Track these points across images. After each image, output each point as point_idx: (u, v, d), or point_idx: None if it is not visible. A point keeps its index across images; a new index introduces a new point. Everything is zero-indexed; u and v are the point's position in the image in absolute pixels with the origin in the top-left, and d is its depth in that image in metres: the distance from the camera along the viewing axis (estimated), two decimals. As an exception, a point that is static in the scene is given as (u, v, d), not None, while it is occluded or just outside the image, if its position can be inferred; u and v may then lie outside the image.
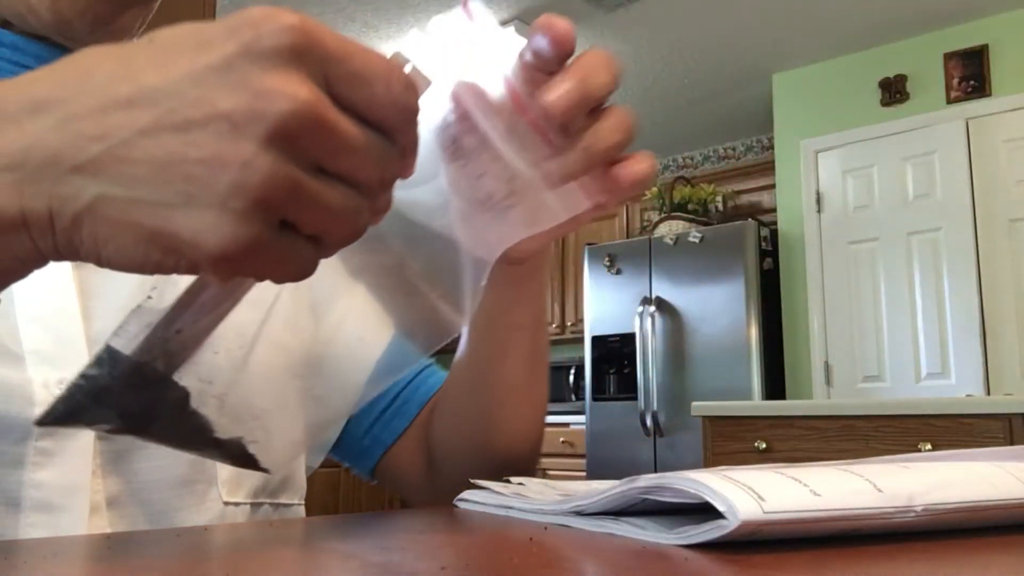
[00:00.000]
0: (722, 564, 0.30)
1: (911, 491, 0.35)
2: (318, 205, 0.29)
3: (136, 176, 0.27)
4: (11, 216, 0.28)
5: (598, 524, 0.38)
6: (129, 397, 0.35)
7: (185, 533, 0.41)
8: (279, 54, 0.27)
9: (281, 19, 0.28)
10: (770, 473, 0.35)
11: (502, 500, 0.47)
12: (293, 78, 0.28)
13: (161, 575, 0.29)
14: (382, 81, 0.30)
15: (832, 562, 0.31)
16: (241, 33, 0.28)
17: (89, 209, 0.27)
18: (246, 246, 0.28)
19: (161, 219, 0.27)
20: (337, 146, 0.29)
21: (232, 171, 0.27)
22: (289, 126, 0.27)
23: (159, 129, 0.27)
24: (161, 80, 0.28)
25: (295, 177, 0.28)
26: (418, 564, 0.31)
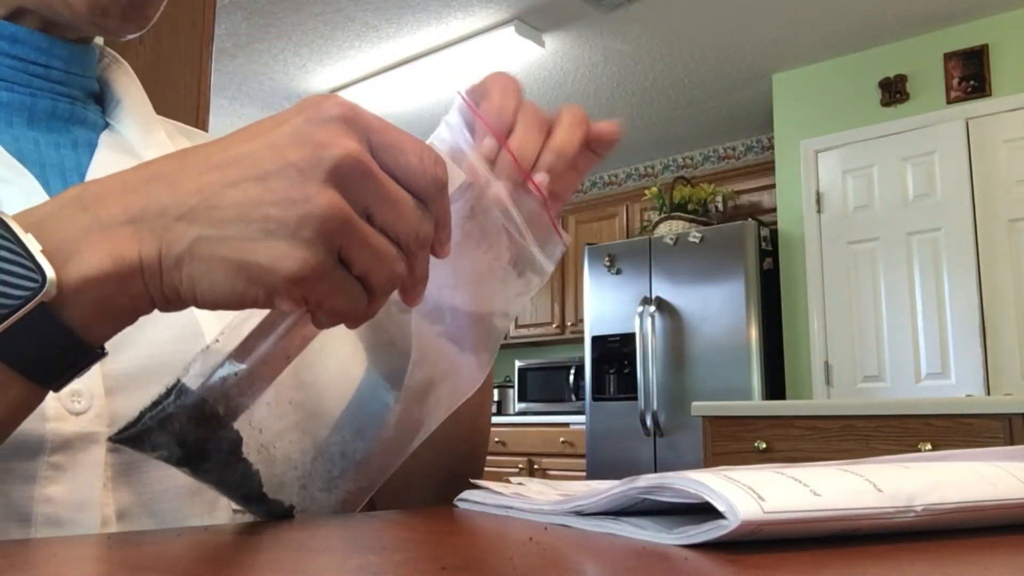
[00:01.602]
0: (722, 564, 0.30)
1: (911, 491, 0.35)
2: (366, 243, 0.36)
3: (225, 219, 0.34)
4: (131, 260, 0.34)
5: (598, 524, 0.38)
6: (189, 430, 0.39)
7: (185, 533, 0.41)
8: (333, 119, 0.35)
9: (335, 98, 0.36)
10: (770, 473, 0.35)
11: (502, 500, 0.47)
12: (344, 134, 0.35)
13: (161, 575, 0.29)
14: (416, 153, 0.37)
15: (832, 562, 0.31)
16: (304, 108, 0.36)
17: (189, 250, 0.34)
18: (313, 269, 0.34)
19: (246, 252, 0.34)
20: (381, 193, 0.36)
21: (300, 207, 0.34)
22: (342, 168, 0.35)
23: (243, 181, 0.35)
24: (246, 148, 0.35)
25: (348, 213, 0.35)
26: (418, 564, 0.31)
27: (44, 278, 0.33)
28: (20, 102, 0.54)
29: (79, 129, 0.57)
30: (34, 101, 0.55)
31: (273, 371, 0.41)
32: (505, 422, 5.19)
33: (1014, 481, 0.38)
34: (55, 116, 0.56)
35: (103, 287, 0.34)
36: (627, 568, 0.31)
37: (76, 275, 0.34)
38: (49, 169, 0.53)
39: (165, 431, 0.39)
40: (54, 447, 0.45)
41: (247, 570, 0.31)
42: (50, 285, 0.33)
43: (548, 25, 3.85)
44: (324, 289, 0.35)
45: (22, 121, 0.54)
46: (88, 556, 0.34)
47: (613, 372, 4.42)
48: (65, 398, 0.45)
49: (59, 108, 0.56)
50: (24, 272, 0.33)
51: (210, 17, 2.04)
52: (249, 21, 3.79)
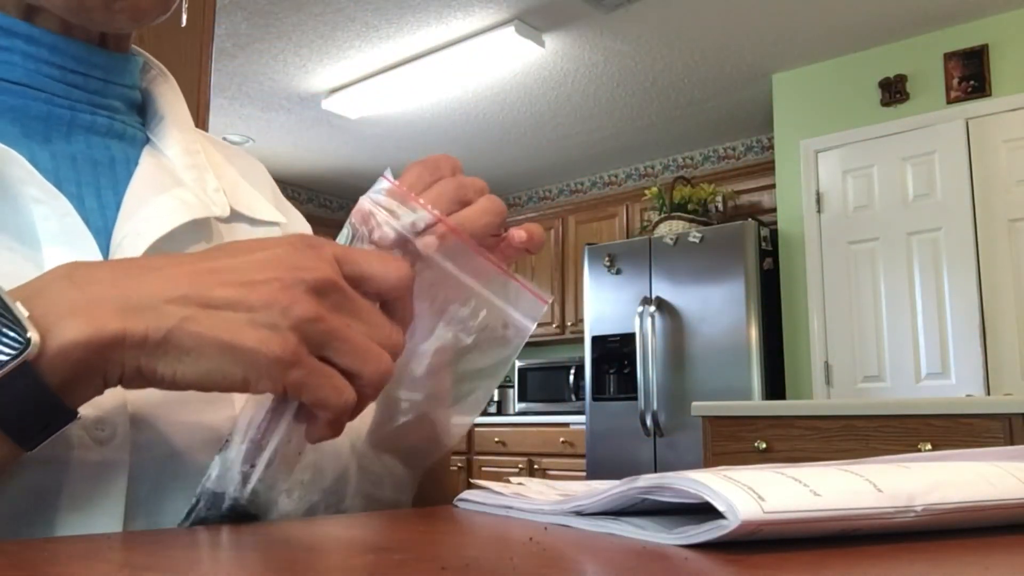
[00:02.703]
0: (722, 564, 0.30)
1: (911, 491, 0.35)
2: (345, 337, 0.40)
3: (214, 306, 0.38)
4: (113, 332, 0.37)
5: (598, 524, 0.38)
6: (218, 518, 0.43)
7: (186, 534, 0.41)
8: (308, 251, 0.41)
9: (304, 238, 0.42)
10: (770, 473, 0.35)
11: (502, 500, 0.47)
12: (321, 261, 0.41)
13: (161, 575, 0.29)
14: (377, 261, 0.43)
15: (832, 562, 0.31)
16: (282, 242, 0.42)
17: (179, 326, 0.38)
18: (294, 353, 0.39)
19: (233, 333, 0.38)
20: (355, 308, 0.41)
21: (282, 304, 0.39)
22: (321, 284, 0.40)
23: (231, 283, 0.39)
24: (233, 261, 0.40)
25: (324, 313, 0.40)
26: (418, 564, 0.31)
27: (28, 340, 0.35)
28: (59, 116, 0.53)
29: (117, 144, 0.56)
30: (73, 115, 0.54)
31: (289, 465, 0.44)
32: (505, 422, 5.19)
33: (1014, 481, 0.38)
34: (93, 131, 0.55)
35: (83, 353, 0.37)
36: (627, 568, 0.31)
37: (59, 340, 0.36)
38: (85, 188, 0.53)
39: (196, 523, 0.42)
40: (78, 475, 0.45)
41: (247, 570, 0.31)
42: (33, 346, 0.35)
43: (548, 25, 3.85)
44: (300, 375, 0.39)
45: (60, 136, 0.53)
46: (88, 556, 0.34)
47: (613, 372, 4.42)
48: (90, 427, 0.45)
49: (98, 122, 0.55)
50: (10, 335, 0.36)
51: (210, 17, 2.04)
52: (249, 21, 3.79)
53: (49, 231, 0.48)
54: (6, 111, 0.52)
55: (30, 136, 0.52)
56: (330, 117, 4.84)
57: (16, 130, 0.52)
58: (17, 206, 0.47)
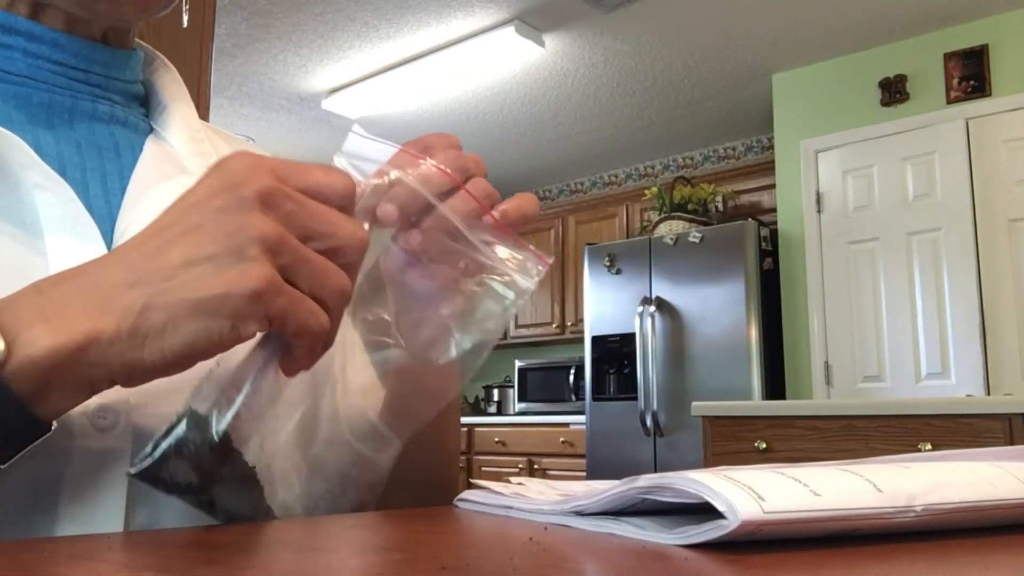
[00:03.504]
0: (722, 564, 0.30)
1: (911, 491, 0.35)
2: (306, 258, 0.38)
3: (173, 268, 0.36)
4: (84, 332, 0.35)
5: (598, 524, 0.38)
6: (203, 454, 0.40)
7: (186, 534, 0.41)
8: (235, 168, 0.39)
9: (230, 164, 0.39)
10: (770, 473, 0.35)
11: (502, 500, 0.47)
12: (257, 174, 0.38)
13: (161, 575, 0.29)
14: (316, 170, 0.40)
15: (832, 562, 0.31)
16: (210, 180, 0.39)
17: (147, 305, 0.36)
18: (267, 282, 0.36)
19: (201, 288, 0.36)
20: (304, 215, 0.39)
21: (238, 234, 0.36)
22: (265, 195, 0.38)
23: (179, 237, 0.37)
24: (171, 216, 0.38)
25: (281, 230, 0.37)
26: (418, 564, 0.31)
27: None
28: (61, 103, 0.53)
29: (121, 131, 0.56)
30: (75, 103, 0.54)
31: (273, 393, 0.42)
32: (505, 422, 5.19)
33: (1014, 481, 0.38)
34: (96, 118, 0.55)
35: (54, 359, 0.35)
36: (627, 568, 0.31)
37: (27, 349, 0.35)
38: (90, 173, 0.53)
39: (182, 458, 0.40)
40: (79, 464, 0.44)
41: (247, 570, 0.31)
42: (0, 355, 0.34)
43: (548, 25, 3.85)
44: (282, 303, 0.37)
45: (63, 123, 0.53)
46: (88, 556, 0.34)
47: (613, 372, 4.42)
48: (92, 415, 0.44)
49: (100, 110, 0.55)
50: None
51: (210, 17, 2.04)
52: (249, 21, 3.79)
53: (52, 218, 0.47)
54: (8, 98, 0.52)
55: (34, 122, 0.52)
56: (330, 117, 4.84)
57: (21, 116, 0.52)
58: (19, 192, 0.47)
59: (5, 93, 0.52)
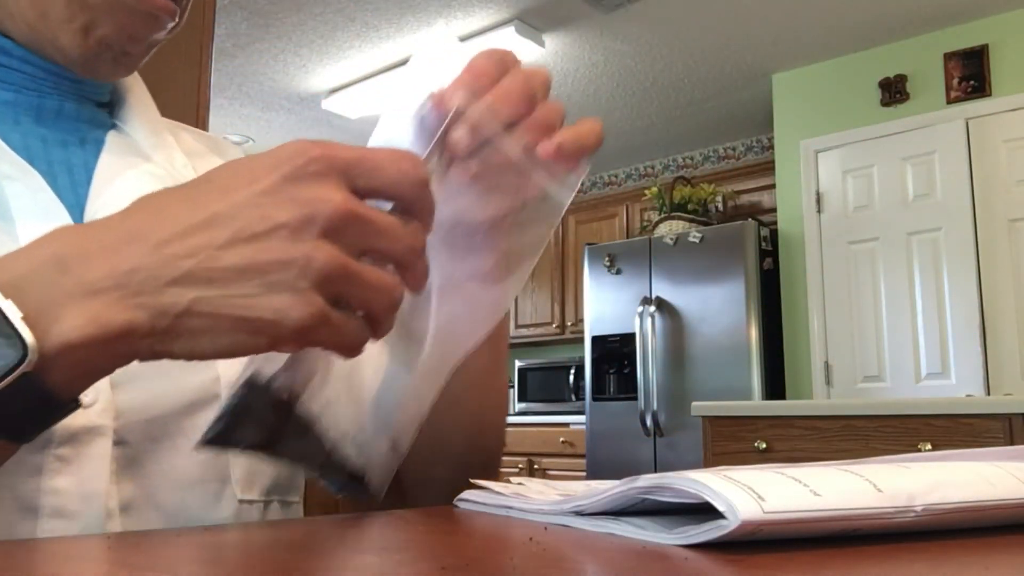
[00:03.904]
0: (722, 564, 0.30)
1: (911, 491, 0.35)
2: (365, 284, 0.37)
3: (223, 279, 0.34)
4: (118, 326, 0.34)
5: (598, 524, 0.38)
6: (265, 415, 0.41)
7: (186, 534, 0.41)
8: (312, 175, 0.36)
9: (309, 152, 0.36)
10: (770, 473, 0.35)
11: (502, 500, 0.47)
12: (328, 187, 0.36)
13: (161, 575, 0.29)
14: (391, 164, 0.38)
15: (832, 562, 0.31)
16: (281, 166, 0.36)
17: (188, 310, 0.34)
18: (315, 318, 0.35)
19: (248, 307, 0.34)
20: (371, 230, 0.37)
21: (298, 264, 0.34)
22: (333, 222, 0.35)
23: (234, 243, 0.34)
24: (227, 206, 0.35)
25: (345, 262, 0.36)
26: (418, 564, 0.31)
27: (26, 348, 0.32)
28: (27, 102, 0.55)
29: (87, 127, 0.57)
30: (41, 101, 0.55)
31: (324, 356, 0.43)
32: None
33: (1014, 481, 0.38)
34: (62, 115, 0.56)
35: (85, 352, 0.34)
36: (627, 568, 0.31)
37: (58, 341, 0.33)
38: (57, 166, 0.53)
39: (246, 422, 0.41)
40: (61, 440, 0.45)
41: (247, 570, 0.31)
42: (32, 354, 0.33)
43: (548, 25, 3.85)
44: (325, 334, 0.36)
45: (29, 119, 0.55)
46: (88, 556, 0.34)
47: (613, 372, 4.41)
48: None
49: (66, 108, 0.56)
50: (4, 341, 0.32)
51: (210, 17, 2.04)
52: (249, 21, 3.79)
53: (23, 207, 0.48)
54: None
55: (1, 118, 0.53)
56: (330, 117, 4.84)
57: None
58: None
59: None
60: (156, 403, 0.49)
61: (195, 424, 0.51)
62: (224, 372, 0.53)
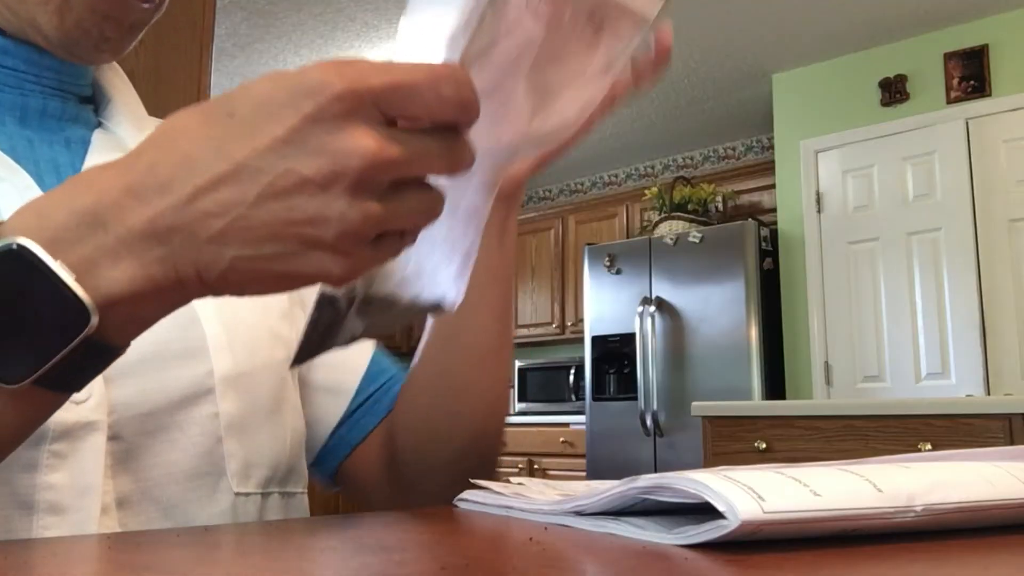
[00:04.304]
0: (722, 564, 0.30)
1: (911, 491, 0.35)
2: (402, 216, 0.35)
3: (258, 239, 0.33)
4: (170, 280, 0.34)
5: (598, 524, 0.38)
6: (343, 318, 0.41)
7: (185, 533, 0.41)
8: (338, 115, 0.33)
9: (333, 86, 0.32)
10: (770, 473, 0.35)
11: (502, 500, 0.47)
12: (356, 133, 0.33)
13: (161, 575, 0.29)
14: (429, 89, 0.34)
15: (832, 562, 0.31)
16: (303, 104, 0.33)
17: (231, 267, 0.34)
18: (357, 269, 0.35)
19: (289, 265, 0.34)
20: (406, 169, 0.34)
21: (333, 224, 0.33)
22: (365, 176, 0.33)
23: (263, 199, 0.33)
24: (251, 155, 0.33)
25: (379, 212, 0.34)
26: (418, 564, 0.31)
27: (86, 311, 0.33)
28: (11, 102, 0.54)
29: (72, 127, 0.57)
30: (25, 100, 0.55)
31: None
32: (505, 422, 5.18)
33: (1014, 481, 0.38)
34: (46, 114, 0.56)
35: (139, 304, 0.34)
36: (627, 568, 0.31)
37: (109, 294, 0.33)
38: (43, 165, 0.53)
39: (328, 333, 0.41)
40: (56, 435, 0.45)
41: (247, 570, 0.31)
42: (92, 315, 0.33)
43: (548, 25, 3.85)
44: (370, 266, 0.36)
45: (14, 120, 0.54)
46: (88, 556, 0.34)
47: (613, 372, 4.41)
48: None
49: (50, 106, 0.56)
50: (61, 305, 0.33)
51: (210, 17, 2.04)
52: (249, 21, 3.79)
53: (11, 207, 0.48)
54: None
55: None
56: (330, 117, 4.84)
57: None
58: None
59: None
60: (150, 397, 0.49)
61: (189, 418, 0.51)
62: (218, 366, 0.53)
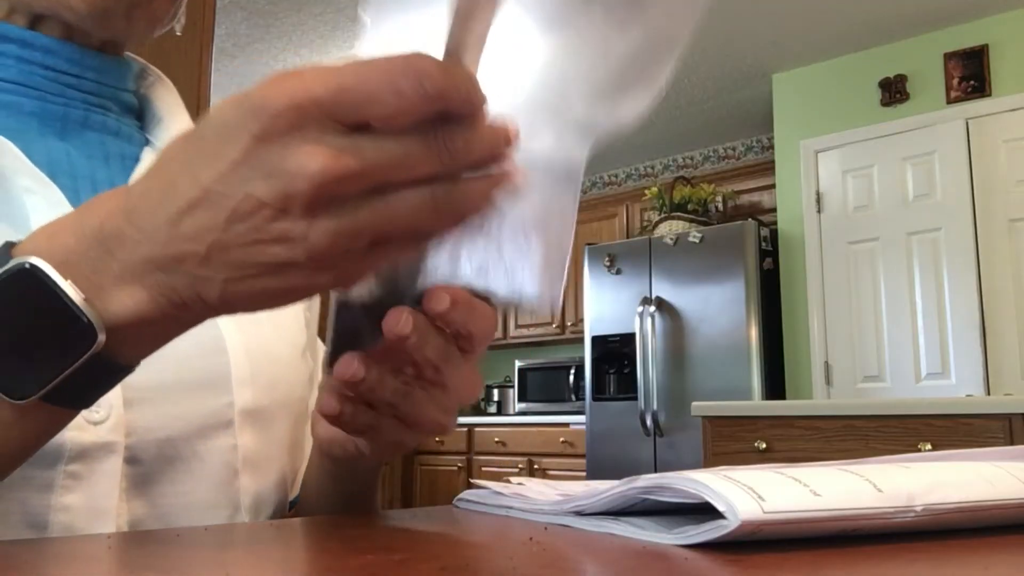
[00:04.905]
0: (722, 564, 0.30)
1: (911, 491, 0.35)
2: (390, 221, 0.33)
3: (237, 261, 0.33)
4: (175, 305, 0.34)
5: (598, 524, 0.38)
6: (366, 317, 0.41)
7: (185, 533, 0.41)
8: (284, 132, 0.31)
9: (273, 103, 0.31)
10: (770, 473, 0.35)
11: (502, 500, 0.47)
12: (303, 150, 0.31)
13: (161, 575, 0.29)
14: (384, 87, 0.31)
15: (832, 562, 0.31)
16: (249, 123, 0.31)
17: (225, 289, 0.34)
18: (343, 279, 0.35)
19: (275, 282, 0.34)
20: (377, 176, 0.32)
21: (299, 244, 0.32)
22: (318, 193, 0.31)
23: (231, 223, 0.32)
24: (215, 180, 0.32)
25: (350, 225, 0.32)
26: (418, 564, 0.31)
27: (93, 329, 0.34)
28: (52, 112, 0.54)
29: (113, 141, 0.57)
30: (67, 111, 0.55)
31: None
32: (505, 422, 5.19)
33: (1014, 481, 0.38)
34: (87, 126, 0.56)
35: (147, 326, 0.35)
36: (627, 568, 0.31)
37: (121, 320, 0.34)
38: (80, 181, 0.53)
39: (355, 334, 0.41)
40: (72, 456, 0.45)
41: (247, 570, 0.31)
42: (99, 333, 0.34)
43: (548, 25, 3.85)
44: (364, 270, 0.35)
45: (54, 131, 0.54)
46: (88, 556, 0.34)
47: (613, 372, 4.41)
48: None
49: (92, 119, 0.56)
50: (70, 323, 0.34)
51: (210, 17, 2.04)
52: (249, 21, 3.79)
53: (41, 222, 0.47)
54: (1, 107, 0.52)
55: (26, 131, 0.53)
56: (330, 117, 4.84)
57: (12, 124, 0.52)
58: (10, 196, 0.48)
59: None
60: (169, 423, 0.49)
61: (208, 448, 0.51)
62: (239, 399, 0.52)
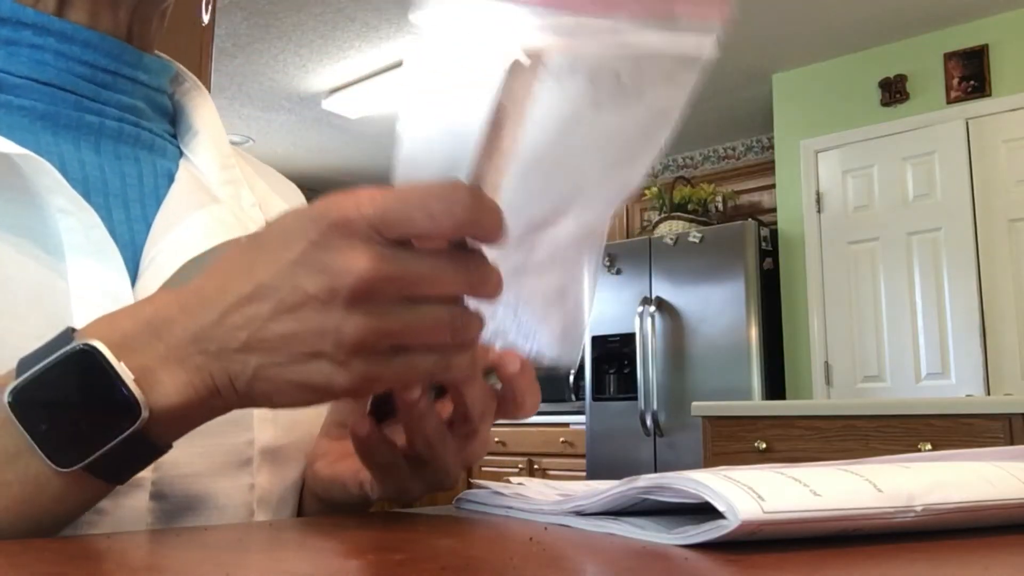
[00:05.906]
0: (722, 564, 0.30)
1: (911, 491, 0.35)
2: (413, 330, 0.38)
3: (274, 348, 0.37)
4: (209, 388, 0.39)
5: (598, 524, 0.38)
6: None
7: (186, 533, 0.41)
8: (337, 239, 0.36)
9: (329, 216, 0.36)
10: (770, 473, 0.35)
11: (502, 500, 0.47)
12: (351, 253, 0.36)
13: (161, 575, 0.29)
14: (418, 210, 0.36)
15: (832, 562, 0.31)
16: (308, 231, 0.37)
17: (255, 375, 0.38)
18: (360, 382, 0.38)
19: (299, 374, 0.38)
20: (407, 284, 0.37)
21: (331, 335, 0.37)
22: (359, 291, 0.36)
23: (278, 313, 0.37)
24: (269, 276, 0.37)
25: (376, 326, 0.37)
26: (418, 564, 0.31)
27: (139, 407, 0.37)
28: (88, 124, 0.54)
29: (146, 155, 0.57)
30: (102, 123, 0.54)
31: None
32: (505, 422, 5.18)
33: (1014, 481, 0.38)
34: (121, 140, 0.55)
35: (186, 410, 0.39)
36: (627, 568, 0.31)
37: (163, 403, 0.38)
38: (112, 199, 0.53)
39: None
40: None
41: (247, 570, 0.31)
42: (143, 410, 0.37)
43: (548, 25, 3.85)
44: (383, 385, 0.40)
45: (89, 145, 0.54)
46: (88, 556, 0.34)
47: (613, 372, 4.41)
48: None
49: (125, 131, 0.55)
50: (119, 400, 0.37)
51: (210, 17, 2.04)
52: (249, 21, 3.79)
53: (74, 243, 0.47)
54: (37, 118, 0.52)
55: (61, 143, 0.52)
56: (330, 117, 4.84)
57: (48, 136, 0.52)
58: (44, 215, 0.47)
59: (33, 112, 0.52)
60: (193, 460, 0.49)
61: (229, 487, 0.51)
62: (259, 437, 0.53)
